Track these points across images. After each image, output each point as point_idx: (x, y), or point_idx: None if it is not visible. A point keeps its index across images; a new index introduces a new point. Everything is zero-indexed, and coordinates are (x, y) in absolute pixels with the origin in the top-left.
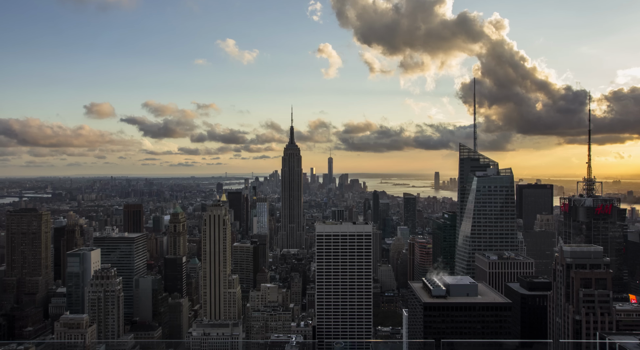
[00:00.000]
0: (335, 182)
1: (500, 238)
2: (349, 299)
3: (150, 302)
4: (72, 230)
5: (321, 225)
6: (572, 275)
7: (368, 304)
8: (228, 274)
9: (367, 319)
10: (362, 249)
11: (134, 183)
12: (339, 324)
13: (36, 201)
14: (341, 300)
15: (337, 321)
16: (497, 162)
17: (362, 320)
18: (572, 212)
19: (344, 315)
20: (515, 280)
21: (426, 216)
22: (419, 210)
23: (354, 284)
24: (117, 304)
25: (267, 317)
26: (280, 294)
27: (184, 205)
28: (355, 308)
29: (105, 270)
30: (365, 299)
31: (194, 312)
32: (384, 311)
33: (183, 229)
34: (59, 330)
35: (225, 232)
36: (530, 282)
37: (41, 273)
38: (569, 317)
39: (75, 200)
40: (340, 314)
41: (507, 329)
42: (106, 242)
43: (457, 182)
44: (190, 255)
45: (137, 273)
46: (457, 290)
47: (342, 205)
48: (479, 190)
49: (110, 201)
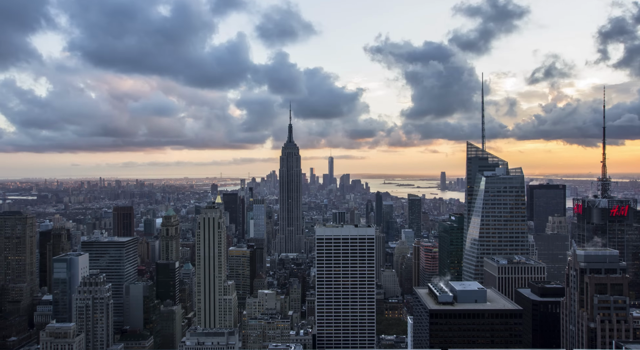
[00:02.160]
0: (336, 182)
1: (510, 241)
2: (351, 306)
3: (141, 310)
4: (59, 234)
5: (321, 228)
6: (587, 281)
7: (371, 311)
8: (223, 280)
9: (370, 327)
10: (364, 254)
11: (124, 184)
12: (340, 332)
13: (20, 204)
14: (342, 308)
15: (339, 329)
16: (506, 161)
17: (365, 328)
18: (586, 214)
19: (346, 323)
20: (526, 286)
21: (432, 218)
22: (424, 212)
23: (356, 290)
24: (106, 312)
25: (265, 325)
26: (278, 300)
27: (176, 207)
28: (358, 315)
29: (94, 277)
30: (367, 306)
31: (188, 320)
32: (388, 319)
33: (176, 233)
34: (44, 340)
35: (221, 236)
36: (542, 288)
37: (26, 279)
38: (583, 324)
39: (62, 203)
40: (342, 321)
41: (518, 337)
42: (95, 246)
43: (465, 182)
44: (184, 260)
45: (128, 279)
46: (465, 296)
47: (344, 207)
48: (488, 191)
49: (99, 203)
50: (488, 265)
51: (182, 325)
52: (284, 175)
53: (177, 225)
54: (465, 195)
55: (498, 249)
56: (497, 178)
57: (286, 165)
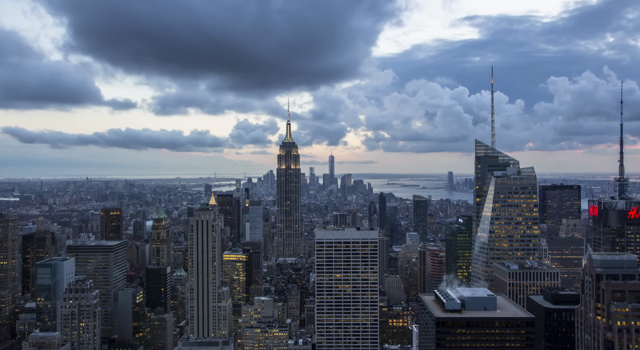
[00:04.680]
0: (337, 183)
1: (522, 245)
2: (353, 314)
3: (130, 318)
4: (43, 237)
5: (321, 231)
6: (603, 287)
7: (374, 319)
8: (217, 286)
9: (372, 336)
10: (367, 258)
11: (112, 185)
12: (341, 341)
13: (2, 205)
14: (344, 316)
15: (340, 338)
16: (517, 161)
17: (368, 337)
18: (602, 216)
19: (347, 332)
20: (538, 293)
21: (438, 221)
22: (430, 215)
23: (358, 297)
24: (93, 321)
25: (261, 334)
26: (275, 308)
27: (168, 209)
28: (360, 324)
29: (80, 283)
30: (370, 314)
31: (180, 329)
32: (392, 327)
33: (167, 236)
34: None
35: (215, 240)
36: (556, 295)
37: (7, 286)
38: (599, 334)
39: (46, 204)
40: (343, 330)
41: (530, 347)
42: (81, 251)
43: (473, 182)
44: (176, 265)
45: (116, 285)
46: (473, 303)
47: (345, 209)
48: (498, 192)
49: (85, 205)
50: (498, 271)
51: (173, 335)
52: (281, 174)
53: (168, 228)
54: (473, 196)
55: (509, 253)
56: (507, 178)
57: (284, 164)
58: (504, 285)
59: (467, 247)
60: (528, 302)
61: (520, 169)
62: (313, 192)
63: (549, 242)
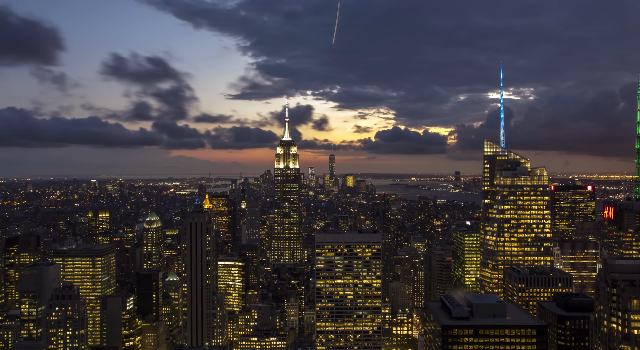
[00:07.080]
0: (338, 183)
1: (533, 249)
2: (355, 321)
3: (120, 326)
4: (27, 241)
5: (322, 234)
6: (619, 294)
7: (377, 327)
8: (212, 292)
9: (375, 344)
10: (369, 263)
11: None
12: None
13: None
14: (345, 323)
15: (341, 347)
16: (528, 160)
17: (370, 346)
18: (617, 218)
19: (348, 341)
20: (550, 299)
21: (445, 223)
22: (436, 217)
23: (360, 304)
24: (80, 329)
25: (258, 342)
26: (273, 315)
27: (160, 211)
28: (362, 332)
29: (67, 289)
30: (373, 321)
31: (172, 337)
32: (396, 335)
33: (159, 240)
34: None
35: (209, 243)
36: (569, 301)
37: None
38: (615, 343)
39: (32, 206)
40: (344, 339)
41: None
42: (68, 255)
43: (481, 183)
44: (168, 270)
45: (105, 291)
46: (481, 310)
47: (347, 211)
48: (507, 193)
49: (72, 207)
50: (508, 276)
51: (166, 343)
52: (280, 174)
53: (160, 231)
54: (481, 197)
55: (519, 257)
56: (517, 178)
57: (283, 163)
58: (514, 291)
59: (475, 250)
60: (539, 308)
61: (531, 168)
62: (313, 192)
63: (561, 245)
